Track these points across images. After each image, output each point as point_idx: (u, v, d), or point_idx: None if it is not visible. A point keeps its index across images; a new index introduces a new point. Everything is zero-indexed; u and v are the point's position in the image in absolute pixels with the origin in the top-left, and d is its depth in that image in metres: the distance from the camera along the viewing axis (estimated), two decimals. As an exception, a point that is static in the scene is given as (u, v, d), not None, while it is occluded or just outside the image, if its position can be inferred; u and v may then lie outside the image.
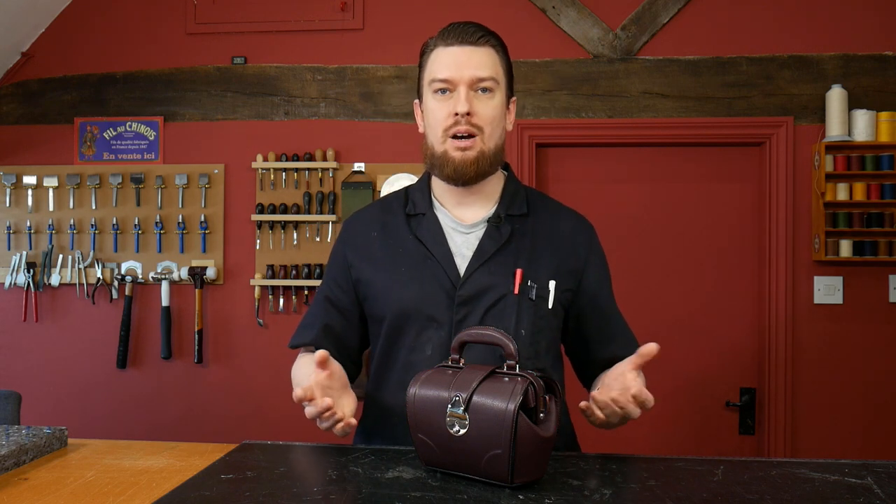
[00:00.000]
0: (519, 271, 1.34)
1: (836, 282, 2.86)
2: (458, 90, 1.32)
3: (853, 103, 2.83)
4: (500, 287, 1.34)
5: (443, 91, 1.34)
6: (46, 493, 1.05)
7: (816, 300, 2.87)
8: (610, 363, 1.39)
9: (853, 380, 2.87)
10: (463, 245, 1.38)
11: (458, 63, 1.32)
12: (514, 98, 1.44)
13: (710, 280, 2.99)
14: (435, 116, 1.35)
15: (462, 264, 1.36)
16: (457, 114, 1.31)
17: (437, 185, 1.44)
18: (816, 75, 2.89)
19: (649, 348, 1.18)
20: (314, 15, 3.07)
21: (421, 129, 1.43)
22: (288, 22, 3.08)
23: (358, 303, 1.44)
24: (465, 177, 1.35)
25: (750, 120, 2.90)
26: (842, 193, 2.80)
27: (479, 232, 1.39)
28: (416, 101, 1.45)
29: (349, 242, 1.45)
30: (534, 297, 1.34)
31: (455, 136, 1.33)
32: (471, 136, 1.33)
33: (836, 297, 2.86)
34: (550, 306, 1.36)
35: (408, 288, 1.35)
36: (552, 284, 1.36)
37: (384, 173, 3.00)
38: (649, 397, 1.16)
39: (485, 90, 1.34)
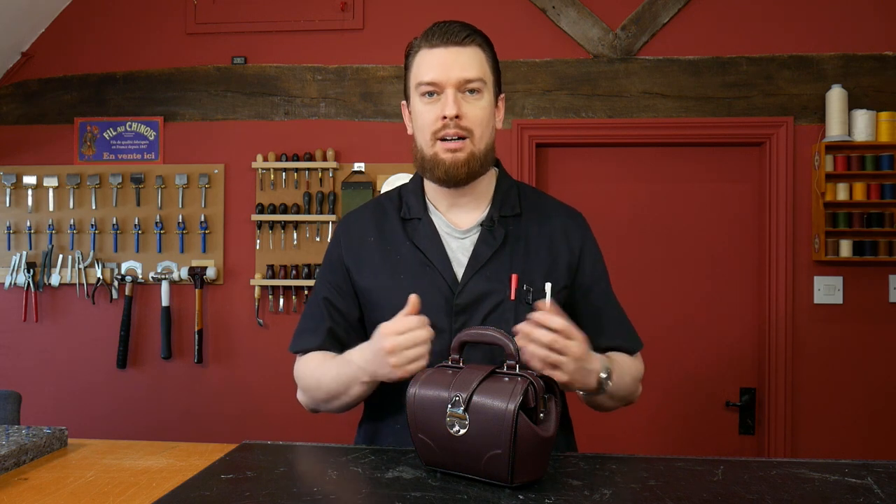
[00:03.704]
0: (514, 276, 1.33)
1: (836, 282, 2.86)
2: (446, 93, 1.31)
3: (853, 103, 2.83)
4: (497, 293, 1.34)
5: (430, 94, 1.33)
6: (46, 493, 1.05)
7: (816, 300, 2.87)
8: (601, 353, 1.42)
9: (853, 380, 2.87)
10: (458, 251, 1.38)
11: (444, 65, 1.31)
12: (502, 95, 1.43)
13: (709, 280, 2.99)
14: (423, 119, 1.34)
15: (459, 271, 1.36)
16: (445, 117, 1.31)
17: (430, 188, 1.44)
18: (816, 75, 2.89)
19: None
20: (314, 15, 3.07)
21: (410, 131, 1.42)
22: (288, 22, 3.08)
23: (358, 306, 1.44)
24: (457, 178, 1.34)
25: (750, 120, 2.90)
26: (842, 193, 2.80)
27: (474, 237, 1.39)
28: (404, 102, 1.44)
29: (345, 247, 1.45)
30: (530, 302, 1.35)
31: (444, 139, 1.32)
32: (460, 138, 1.32)
33: (836, 297, 2.86)
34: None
35: (408, 295, 1.35)
36: (548, 287, 1.37)
37: (384, 173, 3.00)
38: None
39: (472, 91, 1.33)
